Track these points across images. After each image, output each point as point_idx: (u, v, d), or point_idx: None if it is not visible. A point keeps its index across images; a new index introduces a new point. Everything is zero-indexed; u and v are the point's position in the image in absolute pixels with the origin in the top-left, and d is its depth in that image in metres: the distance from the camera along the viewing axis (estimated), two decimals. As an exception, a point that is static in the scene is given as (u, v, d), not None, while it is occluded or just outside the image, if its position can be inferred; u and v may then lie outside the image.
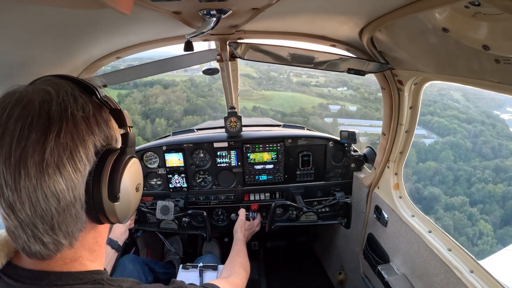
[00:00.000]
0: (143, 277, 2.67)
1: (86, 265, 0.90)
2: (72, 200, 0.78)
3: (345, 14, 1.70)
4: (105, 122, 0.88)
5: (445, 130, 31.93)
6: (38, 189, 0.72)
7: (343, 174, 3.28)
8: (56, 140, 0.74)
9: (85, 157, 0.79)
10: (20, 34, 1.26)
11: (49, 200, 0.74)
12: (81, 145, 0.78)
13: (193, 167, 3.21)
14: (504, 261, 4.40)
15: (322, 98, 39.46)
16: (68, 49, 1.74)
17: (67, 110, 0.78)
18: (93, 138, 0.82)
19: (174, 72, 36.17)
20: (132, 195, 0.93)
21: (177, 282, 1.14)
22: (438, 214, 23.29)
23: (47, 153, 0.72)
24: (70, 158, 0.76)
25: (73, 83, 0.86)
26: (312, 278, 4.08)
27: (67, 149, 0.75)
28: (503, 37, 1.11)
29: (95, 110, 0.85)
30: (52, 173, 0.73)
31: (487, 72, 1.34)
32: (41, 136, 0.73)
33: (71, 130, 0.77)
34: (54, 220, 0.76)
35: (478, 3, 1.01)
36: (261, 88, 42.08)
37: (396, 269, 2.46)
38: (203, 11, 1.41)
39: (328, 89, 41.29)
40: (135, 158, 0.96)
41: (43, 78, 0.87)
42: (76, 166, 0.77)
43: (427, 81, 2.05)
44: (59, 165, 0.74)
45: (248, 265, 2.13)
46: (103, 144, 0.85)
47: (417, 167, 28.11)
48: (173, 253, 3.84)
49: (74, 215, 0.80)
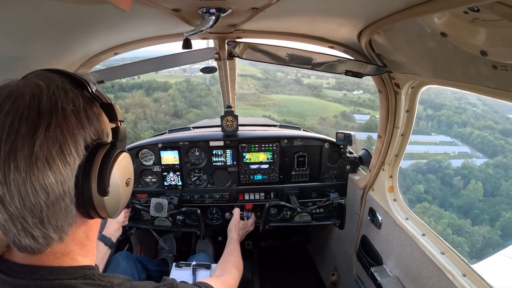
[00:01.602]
0: (136, 274, 2.66)
1: (77, 260, 0.90)
2: (61, 193, 0.78)
3: (344, 16, 1.70)
4: (96, 116, 0.88)
5: (490, 146, 27.67)
6: (27, 182, 0.72)
7: (338, 175, 3.28)
8: (46, 134, 0.74)
9: (74, 150, 0.79)
10: (17, 27, 1.24)
11: (38, 193, 0.74)
12: (71, 139, 0.79)
13: (188, 165, 3.20)
14: (496, 266, 4.43)
15: (341, 104, 35.56)
16: (66, 43, 1.72)
17: (57, 104, 0.78)
18: (83, 132, 0.83)
19: (171, 72, 34.93)
20: (122, 190, 0.93)
21: (168, 280, 1.14)
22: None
23: (36, 146, 0.73)
24: (59, 151, 0.76)
25: (64, 77, 0.86)
26: (305, 279, 4.09)
27: (57, 142, 0.76)
28: (501, 44, 1.12)
29: (85, 104, 0.86)
30: (42, 166, 0.73)
31: (484, 78, 1.35)
32: (30, 129, 0.73)
33: (61, 123, 0.77)
34: (43, 214, 0.76)
35: (477, 9, 1.02)
36: (269, 91, 38.13)
37: (389, 271, 2.47)
38: (203, 9, 1.41)
39: (343, 93, 38.21)
40: (126, 152, 0.96)
41: (35, 72, 0.87)
42: (66, 160, 0.77)
43: (424, 85, 2.06)
44: (48, 158, 0.74)
45: (241, 264, 2.13)
46: (93, 138, 0.86)
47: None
48: (167, 251, 3.83)
49: (63, 209, 0.80)
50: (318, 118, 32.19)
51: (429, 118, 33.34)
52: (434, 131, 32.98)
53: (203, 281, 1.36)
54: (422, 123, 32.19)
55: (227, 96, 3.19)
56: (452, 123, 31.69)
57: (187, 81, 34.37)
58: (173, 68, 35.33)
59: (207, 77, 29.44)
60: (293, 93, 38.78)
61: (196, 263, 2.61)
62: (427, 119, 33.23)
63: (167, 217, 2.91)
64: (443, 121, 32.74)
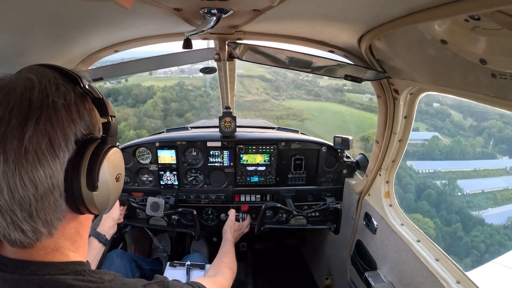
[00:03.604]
0: (130, 273, 2.65)
1: (68, 255, 0.90)
2: (50, 187, 0.78)
3: (345, 21, 1.70)
4: (87, 111, 0.88)
5: None
6: (16, 175, 0.73)
7: (335, 179, 3.29)
8: (36, 127, 0.74)
9: (64, 144, 0.80)
10: (18, 23, 1.24)
11: (26, 186, 0.74)
12: (61, 132, 0.79)
13: (185, 165, 3.20)
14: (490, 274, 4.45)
15: (372, 113, 27.53)
16: (66, 40, 1.72)
17: (48, 98, 0.79)
18: (74, 127, 0.83)
19: (167, 74, 32.95)
20: (111, 185, 0.93)
21: (159, 278, 1.14)
22: None
23: (25, 139, 0.73)
24: (48, 144, 0.76)
25: (57, 72, 0.87)
26: (299, 282, 4.08)
27: (46, 135, 0.76)
28: (501, 52, 1.12)
29: (77, 99, 0.86)
30: (31, 159, 0.74)
31: (483, 86, 1.35)
32: (21, 122, 0.73)
33: (51, 117, 0.77)
34: (32, 207, 0.76)
35: (478, 17, 1.02)
36: (283, 95, 31.99)
37: (383, 276, 2.47)
38: (204, 9, 1.41)
39: (367, 97, 32.67)
40: (116, 147, 0.96)
41: (28, 67, 0.88)
42: (55, 153, 0.77)
43: (423, 92, 2.06)
44: (37, 151, 0.74)
45: (235, 265, 2.13)
46: (84, 133, 0.86)
47: None
48: (161, 250, 3.82)
49: (52, 203, 0.80)
50: (359, 138, 24.87)
51: (475, 129, 28.45)
52: (497, 150, 28.01)
53: (195, 281, 1.37)
54: (479, 140, 27.13)
55: (226, 97, 3.19)
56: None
57: (179, 85, 30.33)
58: (171, 69, 32.89)
59: (208, 79, 26.67)
60: (313, 98, 32.47)
61: (190, 263, 2.61)
62: (478, 133, 28.17)
63: (163, 216, 2.91)
64: (493, 134, 28.45)
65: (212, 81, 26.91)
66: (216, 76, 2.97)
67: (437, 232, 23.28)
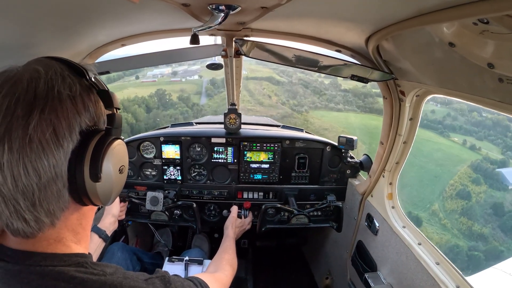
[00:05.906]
0: (131, 266, 2.66)
1: (70, 247, 0.91)
2: (53, 176, 0.78)
3: (353, 21, 1.69)
4: (92, 103, 0.89)
5: None
6: (20, 163, 0.73)
7: (338, 179, 3.28)
8: (41, 116, 0.75)
9: (68, 134, 0.80)
10: (25, 15, 1.24)
11: (30, 174, 0.74)
12: (65, 123, 0.79)
13: (189, 160, 3.21)
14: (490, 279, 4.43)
15: (431, 130, 20.16)
16: (73, 32, 1.73)
17: (53, 88, 0.79)
18: (78, 118, 0.83)
19: (155, 78, 30.81)
20: (115, 176, 0.93)
21: (161, 272, 1.14)
22: None
23: (30, 128, 0.73)
24: (53, 134, 0.77)
25: (63, 65, 0.88)
26: (299, 281, 4.09)
27: (51, 125, 0.76)
28: (509, 57, 1.11)
29: (82, 90, 0.87)
30: (35, 148, 0.74)
31: (490, 90, 1.34)
32: (26, 112, 0.74)
33: (56, 107, 0.78)
34: (35, 197, 0.76)
35: (487, 21, 1.01)
36: (304, 105, 24.11)
37: (383, 278, 2.46)
38: (212, 5, 1.41)
39: None
40: (121, 139, 0.97)
41: (36, 59, 0.88)
42: (59, 143, 0.78)
43: (429, 94, 2.05)
44: (41, 140, 0.75)
45: (236, 262, 2.13)
46: (88, 124, 0.86)
47: None
48: (163, 244, 3.85)
49: (55, 192, 0.80)
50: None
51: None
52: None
53: (196, 276, 1.37)
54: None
55: (232, 94, 3.19)
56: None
57: (157, 94, 24.01)
58: (161, 72, 30.21)
59: (204, 84, 19.89)
60: (343, 107, 24.74)
61: (188, 258, 2.63)
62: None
63: (164, 211, 2.92)
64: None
65: (209, 86, 21.85)
66: (214, 80, 2.98)
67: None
